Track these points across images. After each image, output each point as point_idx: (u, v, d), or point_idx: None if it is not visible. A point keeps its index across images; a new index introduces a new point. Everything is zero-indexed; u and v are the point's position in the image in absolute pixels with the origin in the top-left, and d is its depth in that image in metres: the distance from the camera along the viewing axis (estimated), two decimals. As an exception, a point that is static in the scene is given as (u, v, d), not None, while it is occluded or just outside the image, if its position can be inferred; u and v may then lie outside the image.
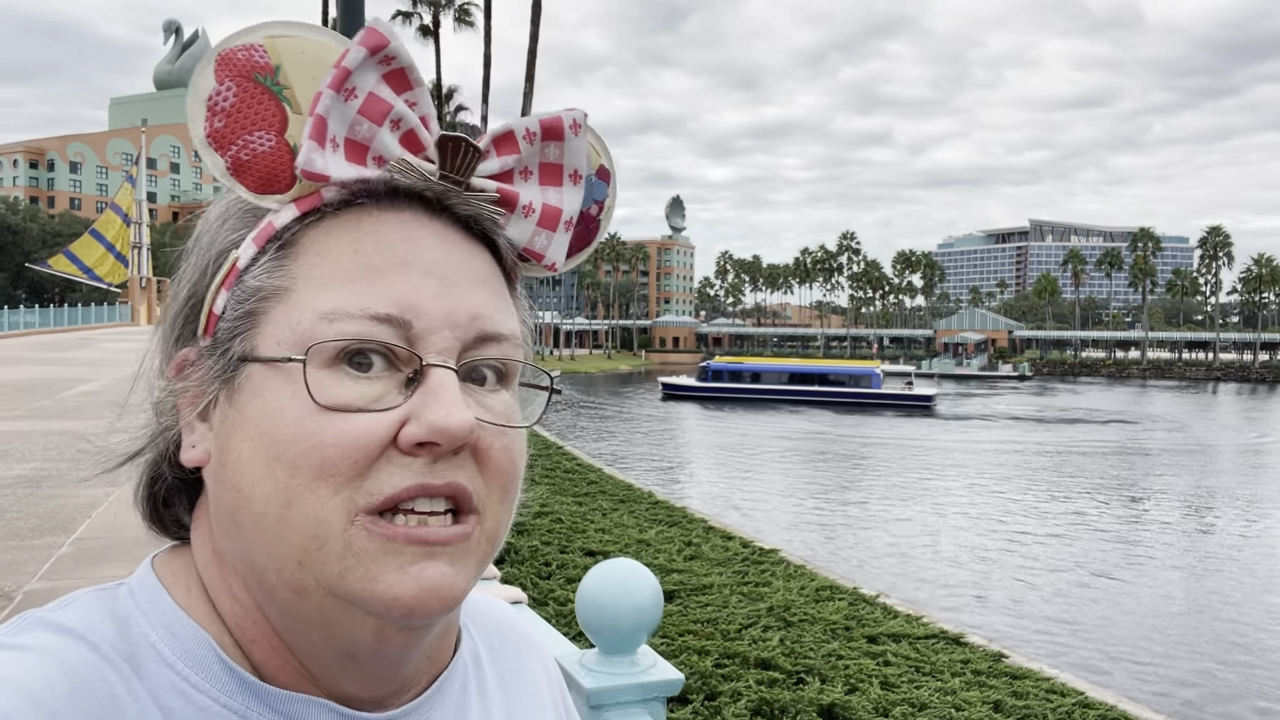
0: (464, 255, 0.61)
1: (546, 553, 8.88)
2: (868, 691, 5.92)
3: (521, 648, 0.81)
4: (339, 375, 0.56)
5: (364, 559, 0.54)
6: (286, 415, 0.55)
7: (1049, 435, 42.47)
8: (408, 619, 0.55)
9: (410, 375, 0.57)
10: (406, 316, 0.57)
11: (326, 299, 0.57)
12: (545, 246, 0.66)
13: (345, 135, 0.59)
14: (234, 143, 0.59)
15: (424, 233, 0.60)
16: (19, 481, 9.61)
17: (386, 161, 0.59)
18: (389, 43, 0.58)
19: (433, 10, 46.13)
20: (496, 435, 0.59)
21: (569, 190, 0.66)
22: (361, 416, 0.55)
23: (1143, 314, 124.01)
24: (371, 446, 0.55)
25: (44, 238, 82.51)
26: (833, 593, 8.78)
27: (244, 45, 0.60)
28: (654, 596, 2.18)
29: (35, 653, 0.53)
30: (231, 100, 0.59)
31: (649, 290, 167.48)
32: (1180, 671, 11.45)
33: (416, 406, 0.56)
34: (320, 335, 0.56)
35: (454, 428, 0.55)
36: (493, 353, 0.60)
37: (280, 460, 0.55)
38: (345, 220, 0.59)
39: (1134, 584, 15.79)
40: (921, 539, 18.85)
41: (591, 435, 38.51)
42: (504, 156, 0.63)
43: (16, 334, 45.32)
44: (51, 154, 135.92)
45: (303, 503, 0.54)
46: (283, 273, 0.59)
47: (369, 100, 0.59)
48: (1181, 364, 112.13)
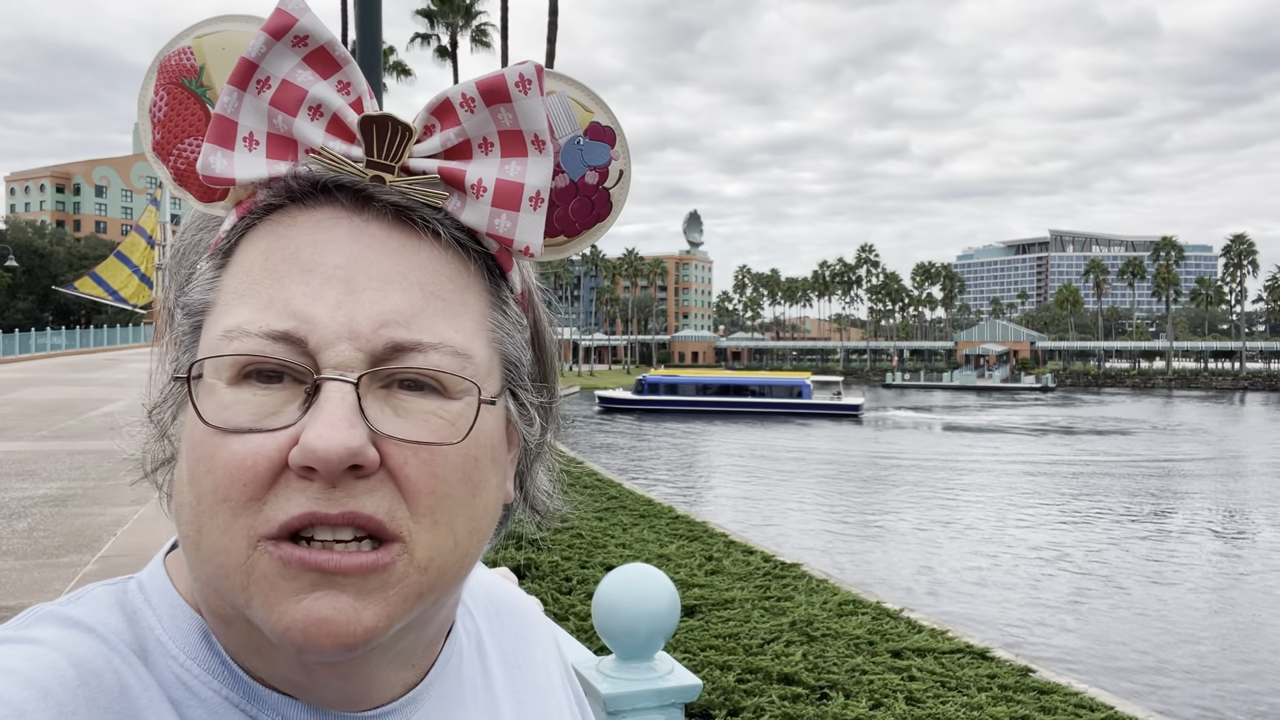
0: (385, 253, 0.54)
1: (567, 568, 8.87)
2: (892, 707, 5.84)
3: (523, 623, 0.80)
4: (241, 393, 0.52)
5: (263, 585, 0.50)
6: (193, 437, 0.53)
7: (1113, 445, 42.02)
8: (301, 654, 0.51)
9: (309, 390, 0.52)
10: (300, 332, 0.51)
11: (232, 315, 0.53)
12: (510, 230, 0.57)
13: (266, 130, 0.54)
14: (171, 152, 0.57)
15: (337, 233, 0.54)
16: (45, 500, 9.72)
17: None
18: (296, 20, 0.53)
19: (450, 32, 46.60)
20: (411, 453, 0.52)
21: (534, 160, 0.57)
22: (252, 437, 0.51)
23: (1167, 324, 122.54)
24: (259, 468, 0.50)
25: (70, 261, 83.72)
26: (856, 607, 8.69)
27: (177, 50, 0.57)
28: (671, 602, 2.16)
29: (45, 646, 0.52)
30: (164, 110, 0.57)
31: (667, 305, 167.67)
32: (1210, 688, 11.24)
33: (304, 425, 0.51)
34: (217, 352, 0.52)
35: (323, 450, 0.49)
36: (415, 363, 0.53)
37: (192, 484, 0.53)
38: (269, 224, 0.55)
39: (1166, 600, 15.55)
40: (966, 554, 18.67)
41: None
42: (446, 131, 0.56)
43: (44, 355, 45.97)
44: (78, 178, 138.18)
45: (209, 528, 0.51)
46: (213, 285, 0.56)
47: (282, 88, 0.54)
48: (1207, 374, 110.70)
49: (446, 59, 46.81)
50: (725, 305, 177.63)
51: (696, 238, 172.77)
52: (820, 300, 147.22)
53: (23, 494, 10.06)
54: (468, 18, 46.55)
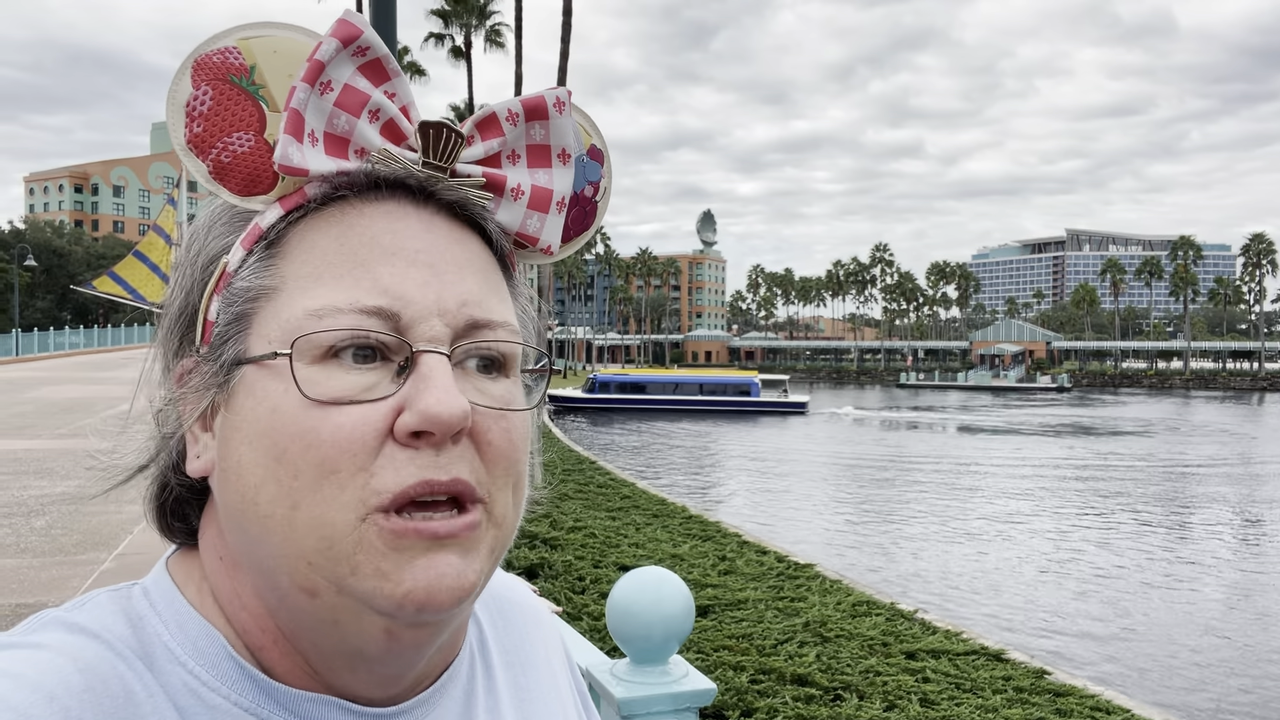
0: (451, 242, 0.60)
1: (580, 568, 8.87)
2: (907, 709, 5.82)
3: (525, 619, 0.80)
4: (330, 369, 0.55)
5: (373, 556, 0.53)
6: (281, 414, 0.54)
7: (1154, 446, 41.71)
8: (420, 613, 0.54)
9: (401, 364, 0.56)
10: (394, 307, 0.56)
11: (315, 295, 0.56)
12: (539, 229, 0.64)
13: (324, 129, 0.58)
14: (214, 146, 0.59)
15: (409, 222, 0.59)
16: (63, 499, 9.80)
17: (368, 153, 0.59)
18: (361, 33, 0.57)
19: (464, 32, 46.71)
20: (495, 419, 0.58)
21: (559, 170, 0.65)
22: (355, 408, 0.54)
23: (1185, 323, 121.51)
24: (368, 438, 0.54)
25: (88, 260, 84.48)
26: (869, 608, 8.65)
27: (218, 49, 0.59)
28: (686, 606, 2.15)
29: (50, 651, 0.53)
30: (209, 104, 0.59)
31: (681, 305, 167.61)
32: (1231, 692, 11.13)
33: (409, 394, 0.54)
34: (308, 330, 0.55)
35: (446, 414, 0.53)
36: (486, 338, 0.59)
37: (282, 462, 0.54)
38: (330, 215, 0.59)
39: (1190, 602, 15.41)
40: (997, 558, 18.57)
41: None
42: (488, 140, 0.62)
43: (62, 354, 46.38)
44: (95, 178, 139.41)
45: (309, 504, 0.53)
46: (270, 272, 0.58)
47: (345, 92, 0.58)
48: (1226, 374, 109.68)
49: (461, 59, 46.92)
50: (739, 305, 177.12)
51: (710, 237, 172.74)
52: (834, 300, 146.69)
53: (41, 492, 10.15)
54: (482, 18, 46.66)
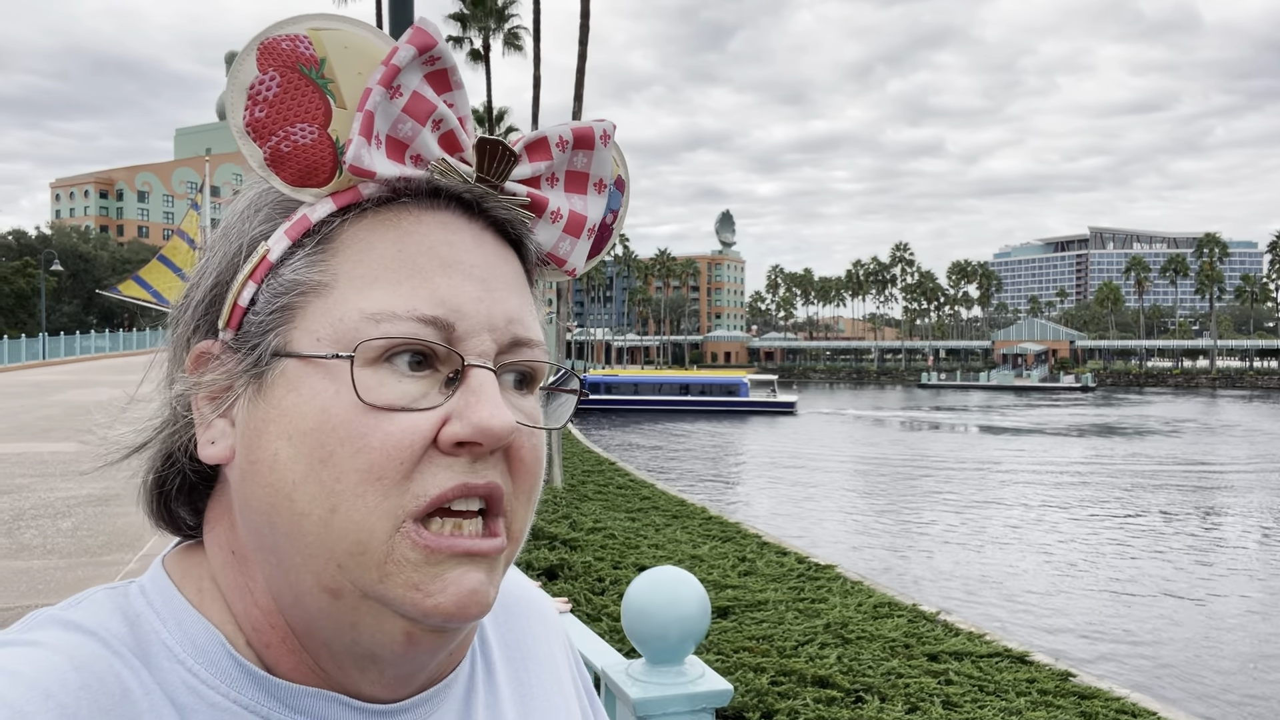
0: (499, 259, 0.62)
1: (600, 568, 8.87)
2: (929, 711, 5.77)
3: (527, 614, 0.79)
4: (381, 374, 0.55)
5: (404, 568, 0.54)
6: (331, 415, 0.55)
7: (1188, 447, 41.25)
8: (447, 623, 0.56)
9: (450, 375, 0.57)
10: (450, 319, 0.57)
11: (372, 298, 0.56)
12: (569, 252, 0.67)
13: (388, 133, 0.58)
14: (275, 133, 0.58)
15: (463, 235, 0.60)
16: (89, 500, 9.91)
17: (424, 161, 0.59)
18: (436, 43, 0.58)
19: (483, 35, 46.90)
20: (528, 435, 0.60)
21: (593, 198, 0.67)
22: (405, 416, 0.55)
23: (1211, 321, 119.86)
24: (416, 446, 0.54)
25: (113, 265, 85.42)
26: (891, 609, 8.60)
27: (288, 35, 0.59)
28: (701, 606, 2.14)
29: (47, 648, 0.53)
30: (275, 90, 0.58)
31: (700, 305, 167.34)
32: (1255, 695, 10.96)
33: (458, 406, 0.56)
34: (367, 334, 0.55)
35: (498, 428, 0.55)
36: (525, 356, 0.61)
37: (327, 464, 0.54)
38: (386, 218, 0.59)
39: (1213, 608, 15.21)
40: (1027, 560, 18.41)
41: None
42: (536, 162, 0.64)
43: (89, 357, 46.96)
44: (120, 184, 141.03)
45: (350, 508, 0.54)
46: (322, 268, 0.58)
47: (413, 99, 0.58)
48: (1253, 373, 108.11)
49: (479, 62, 47.10)
50: (758, 305, 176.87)
51: (729, 238, 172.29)
52: (854, 300, 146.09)
53: (67, 494, 10.27)
54: (500, 21, 46.80)
